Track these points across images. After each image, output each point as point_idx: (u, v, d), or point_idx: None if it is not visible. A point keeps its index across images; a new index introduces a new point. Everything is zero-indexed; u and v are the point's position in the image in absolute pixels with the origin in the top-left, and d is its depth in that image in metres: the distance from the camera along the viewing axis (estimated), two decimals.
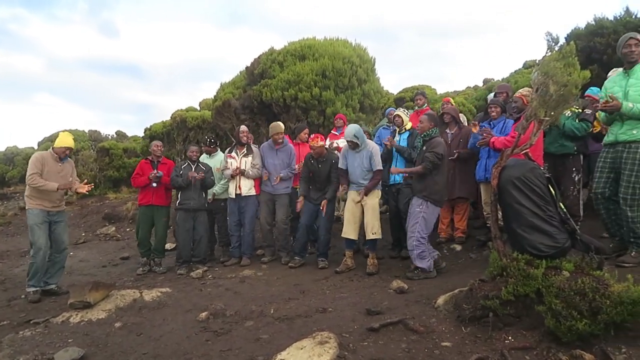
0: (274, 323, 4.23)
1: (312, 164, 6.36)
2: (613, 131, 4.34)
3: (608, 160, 4.38)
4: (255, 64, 10.48)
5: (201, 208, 6.92)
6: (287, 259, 6.65)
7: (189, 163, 6.97)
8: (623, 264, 4.16)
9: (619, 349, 2.99)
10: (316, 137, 6.32)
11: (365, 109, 9.91)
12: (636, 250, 4.24)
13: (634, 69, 4.24)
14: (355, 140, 5.73)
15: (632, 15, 7.70)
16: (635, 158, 4.16)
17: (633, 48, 4.22)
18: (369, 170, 5.82)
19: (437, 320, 3.75)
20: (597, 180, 4.47)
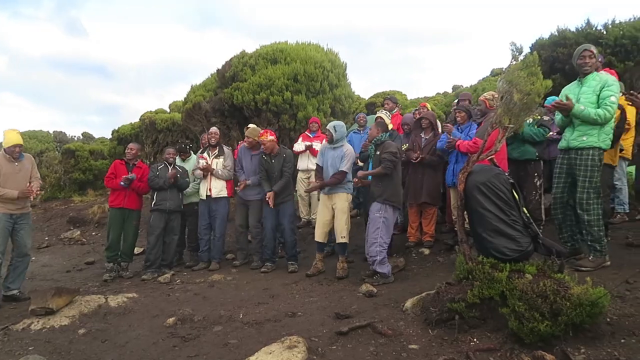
0: (243, 328, 4.21)
1: (265, 161, 6.37)
2: (565, 137, 4.50)
3: (564, 166, 4.53)
4: (227, 67, 10.40)
5: (177, 210, 6.84)
6: (257, 264, 6.61)
7: (165, 164, 6.87)
8: (581, 267, 4.30)
9: (578, 350, 3.09)
10: (265, 132, 6.35)
11: (337, 113, 9.96)
12: (594, 254, 4.39)
13: (587, 78, 4.42)
14: (331, 131, 5.81)
15: (593, 27, 7.99)
16: (587, 164, 4.31)
17: (587, 60, 4.41)
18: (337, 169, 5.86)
19: (405, 323, 3.80)
20: (556, 186, 4.61)
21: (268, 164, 6.37)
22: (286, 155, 6.34)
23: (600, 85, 4.30)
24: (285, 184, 6.28)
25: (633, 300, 3.59)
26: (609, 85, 4.27)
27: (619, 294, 3.67)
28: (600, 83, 4.31)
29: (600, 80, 4.34)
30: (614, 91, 4.26)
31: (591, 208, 4.32)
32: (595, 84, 4.34)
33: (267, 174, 6.39)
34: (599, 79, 4.37)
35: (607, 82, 4.30)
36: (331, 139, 5.84)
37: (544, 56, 7.96)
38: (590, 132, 4.29)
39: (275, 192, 6.21)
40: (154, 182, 6.66)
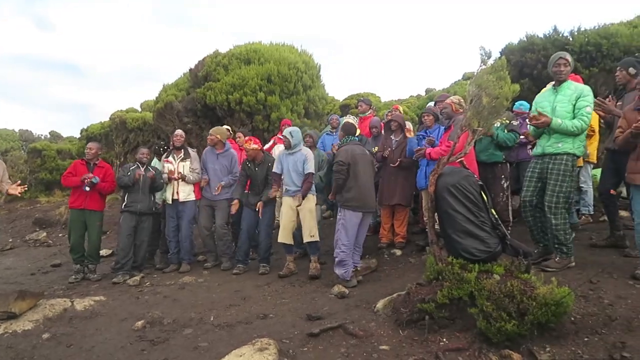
0: (214, 330, 4.16)
1: (249, 168, 6.33)
2: (541, 143, 4.58)
3: (536, 170, 4.60)
4: (200, 66, 10.29)
5: (148, 212, 6.68)
6: (227, 265, 6.55)
7: (138, 165, 6.71)
8: (547, 268, 4.39)
9: (543, 348, 3.17)
10: (249, 140, 6.28)
11: (310, 114, 9.97)
12: (560, 255, 4.49)
13: (562, 86, 4.50)
14: (288, 137, 5.81)
15: (560, 34, 8.23)
16: (560, 169, 4.39)
17: (562, 67, 4.49)
18: (302, 174, 5.85)
19: (376, 324, 3.82)
20: (526, 189, 4.69)
21: (252, 171, 6.31)
22: (271, 164, 6.25)
23: (576, 95, 4.38)
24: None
25: (596, 299, 3.69)
26: (585, 96, 4.37)
27: (583, 294, 3.76)
28: (576, 92, 4.40)
29: (576, 89, 4.44)
30: (589, 102, 4.37)
31: (559, 212, 4.41)
32: (571, 93, 4.42)
33: (250, 181, 6.34)
34: (574, 88, 4.46)
35: (582, 92, 4.39)
36: (289, 145, 5.85)
37: (513, 61, 8.14)
38: (566, 139, 4.38)
39: (263, 202, 6.16)
40: (121, 180, 6.52)
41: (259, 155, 6.32)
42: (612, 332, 3.24)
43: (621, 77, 4.85)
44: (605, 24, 8.39)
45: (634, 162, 4.04)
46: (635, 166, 4.02)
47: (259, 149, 6.35)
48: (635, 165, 4.02)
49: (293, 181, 5.86)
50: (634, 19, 9.56)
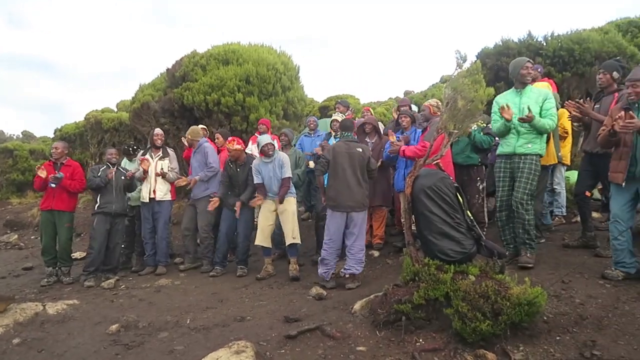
0: (190, 333, 4.12)
1: (231, 168, 6.28)
2: (511, 143, 4.68)
3: (507, 170, 4.74)
4: (177, 66, 10.16)
5: (122, 213, 6.59)
6: (207, 268, 6.48)
7: (108, 165, 6.59)
8: (527, 264, 4.50)
9: (517, 348, 3.22)
10: (232, 140, 6.24)
11: (289, 116, 9.94)
12: (530, 251, 4.62)
13: (526, 89, 4.71)
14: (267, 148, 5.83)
15: (534, 39, 8.40)
16: (531, 168, 4.58)
17: (530, 71, 4.72)
18: (279, 179, 5.88)
19: (354, 326, 3.83)
20: (502, 189, 4.80)
21: (233, 172, 6.26)
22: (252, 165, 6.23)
23: (542, 97, 4.62)
24: (253, 194, 6.17)
25: (568, 299, 3.77)
26: (550, 98, 4.62)
27: (555, 294, 3.84)
28: (541, 95, 4.63)
29: (540, 93, 4.68)
30: (554, 104, 4.64)
31: (530, 208, 4.60)
32: (536, 96, 4.64)
33: (231, 182, 6.29)
34: (538, 91, 4.70)
35: (547, 95, 4.65)
36: (268, 155, 5.85)
37: (489, 65, 8.28)
38: (535, 140, 4.60)
39: (242, 202, 6.10)
40: (92, 181, 6.38)
41: (241, 156, 6.27)
42: (583, 331, 3.32)
43: (604, 80, 4.90)
44: (577, 30, 8.62)
45: (616, 161, 4.14)
46: (617, 165, 4.12)
47: (242, 149, 6.31)
48: (617, 164, 4.12)
49: (274, 187, 5.90)
50: (604, 26, 9.84)
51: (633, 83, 4.01)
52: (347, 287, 5.06)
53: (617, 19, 10.43)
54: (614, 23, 10.15)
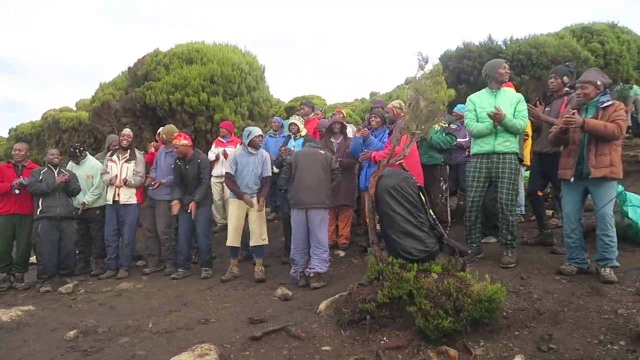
0: (152, 338, 4.04)
1: (179, 166, 6.11)
2: (489, 142, 4.74)
3: (483, 170, 4.78)
4: (139, 65, 9.93)
5: (68, 216, 6.32)
6: (170, 270, 6.36)
7: (49, 167, 6.29)
8: (509, 265, 4.61)
9: (478, 343, 3.30)
10: (179, 136, 6.07)
11: (255, 116, 9.87)
12: (511, 250, 4.74)
13: (500, 90, 4.82)
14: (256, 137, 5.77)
15: (494, 43, 8.63)
16: (511, 168, 4.67)
17: (508, 70, 4.86)
18: (259, 176, 5.81)
19: (319, 326, 3.84)
20: (474, 189, 4.84)
21: (182, 170, 6.11)
22: (201, 161, 6.11)
23: (516, 99, 4.76)
24: (205, 191, 6.08)
25: (526, 294, 3.89)
26: (522, 102, 4.78)
27: (514, 290, 3.95)
28: (515, 98, 4.78)
29: (514, 95, 4.84)
30: (525, 107, 4.77)
31: (514, 209, 4.74)
32: (510, 97, 4.78)
33: (182, 180, 6.16)
34: (511, 94, 4.86)
35: (520, 98, 4.80)
36: (256, 147, 5.80)
37: (452, 67, 8.47)
38: (511, 139, 4.71)
39: (196, 202, 6.00)
40: (36, 187, 6.02)
41: (189, 152, 6.09)
42: (540, 325, 3.43)
43: (555, 85, 5.14)
44: (535, 35, 8.91)
45: (565, 158, 4.31)
46: (566, 162, 4.29)
47: (189, 145, 6.13)
48: (566, 161, 4.29)
49: (250, 182, 5.79)
50: (560, 31, 10.20)
51: (582, 85, 4.21)
52: (312, 287, 5.06)
53: (572, 25, 10.83)
54: (569, 28, 10.54)
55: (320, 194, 5.23)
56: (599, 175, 4.05)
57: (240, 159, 5.80)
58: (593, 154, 4.09)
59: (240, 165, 5.77)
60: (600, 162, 4.06)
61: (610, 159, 4.07)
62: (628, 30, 10.87)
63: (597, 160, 4.07)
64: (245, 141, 5.81)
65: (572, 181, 4.22)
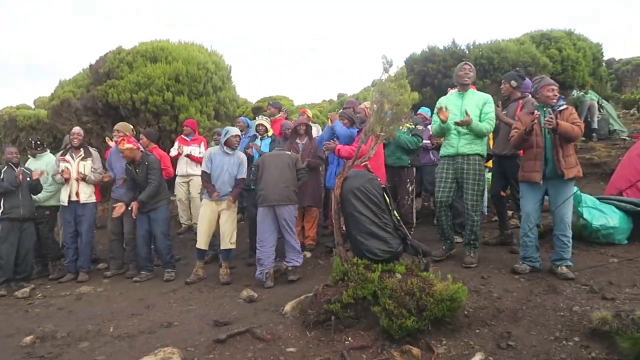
0: (113, 342, 3.94)
1: (130, 171, 5.99)
2: (453, 144, 4.85)
3: (450, 171, 4.89)
4: (101, 62, 9.70)
5: (31, 217, 6.14)
6: (132, 273, 6.22)
7: (9, 166, 6.08)
8: (471, 265, 4.72)
9: (440, 342, 3.36)
10: (122, 140, 5.92)
11: (221, 116, 9.79)
12: (473, 250, 4.86)
13: (467, 92, 4.92)
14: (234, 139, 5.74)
15: (458, 47, 8.84)
16: (475, 169, 4.77)
17: (468, 72, 4.91)
18: (235, 177, 5.77)
19: (284, 327, 3.83)
20: (442, 190, 4.94)
21: (133, 174, 5.98)
22: (149, 163, 5.97)
23: (482, 101, 4.82)
24: (152, 192, 5.94)
25: (487, 293, 3.99)
26: (489, 103, 4.84)
27: (475, 289, 4.05)
28: (481, 99, 4.84)
29: (481, 97, 4.88)
30: (493, 108, 4.85)
31: (478, 210, 4.85)
32: (477, 99, 4.85)
33: (134, 183, 6.02)
34: (479, 95, 4.92)
35: (487, 99, 4.86)
36: (233, 147, 5.75)
37: (417, 70, 8.62)
38: (476, 141, 4.79)
39: (141, 202, 5.87)
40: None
41: (136, 155, 5.96)
42: (500, 323, 3.52)
43: (505, 90, 5.40)
44: (496, 40, 9.18)
45: (532, 162, 4.39)
46: (533, 165, 4.37)
47: (135, 148, 5.96)
48: (533, 164, 4.37)
49: (224, 182, 5.72)
50: (521, 37, 10.55)
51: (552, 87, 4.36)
52: (289, 279, 5.21)
53: (532, 31, 11.20)
54: (529, 35, 10.91)
55: (286, 191, 5.33)
56: (571, 176, 4.21)
57: (215, 158, 5.75)
58: (562, 156, 4.23)
59: (215, 164, 5.72)
60: (569, 162, 4.23)
61: (574, 159, 4.27)
62: (584, 38, 11.34)
63: (566, 161, 4.22)
64: (222, 140, 5.78)
65: (542, 184, 4.35)
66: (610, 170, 7.27)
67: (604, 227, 5.00)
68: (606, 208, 5.16)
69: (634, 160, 6.06)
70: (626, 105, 15.30)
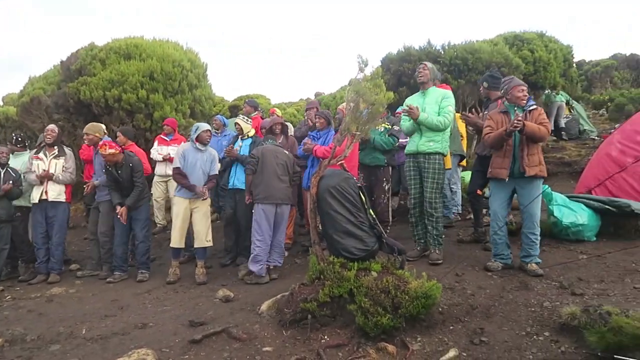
0: (86, 344, 3.87)
1: (110, 172, 5.87)
2: (415, 142, 4.97)
3: (415, 169, 5.01)
4: (73, 59, 9.47)
5: (8, 219, 6.00)
6: (106, 274, 6.10)
7: None
8: (437, 262, 4.78)
9: (415, 339, 3.41)
10: (103, 145, 5.76)
11: (196, 114, 9.67)
12: (438, 247, 4.92)
13: (428, 91, 5.03)
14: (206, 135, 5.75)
15: (433, 47, 8.95)
16: (435, 168, 4.86)
17: (421, 71, 5.03)
18: (207, 174, 5.75)
19: (261, 326, 3.82)
20: (413, 188, 5.05)
21: (114, 175, 5.86)
22: (133, 165, 5.87)
23: (441, 97, 4.94)
24: (139, 195, 5.87)
25: (460, 290, 4.05)
26: (447, 97, 4.95)
27: (450, 286, 4.11)
28: (440, 95, 4.96)
29: (440, 93, 5.00)
30: (451, 102, 4.94)
31: (438, 206, 4.92)
32: (437, 96, 4.96)
33: (116, 185, 5.90)
34: (439, 92, 5.02)
35: (445, 95, 4.99)
36: (204, 142, 5.74)
37: (393, 69, 8.69)
38: (435, 138, 4.87)
39: (128, 207, 5.80)
40: None
41: (119, 159, 5.84)
42: (473, 320, 3.59)
43: (482, 91, 5.60)
44: (471, 41, 9.32)
45: (500, 159, 4.50)
46: (501, 162, 4.48)
47: (117, 152, 5.82)
48: (501, 161, 4.49)
49: (201, 180, 5.69)
50: (494, 38, 10.72)
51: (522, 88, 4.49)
52: (272, 277, 5.30)
53: (505, 32, 11.41)
54: (502, 36, 11.11)
55: (288, 190, 5.45)
56: (532, 174, 4.31)
57: (188, 155, 5.70)
58: (526, 154, 4.34)
59: (188, 161, 5.67)
60: (532, 161, 4.33)
61: (538, 158, 4.37)
62: (555, 40, 11.59)
63: (529, 159, 4.33)
64: (192, 137, 5.73)
65: (507, 180, 4.44)
66: (580, 169, 7.47)
67: (574, 224, 5.14)
68: (576, 206, 5.30)
69: (603, 160, 6.23)
70: (595, 105, 15.73)
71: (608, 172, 6.01)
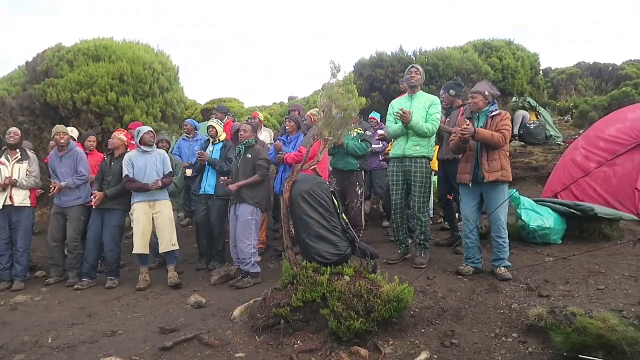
0: (52, 354, 3.77)
1: (105, 164, 5.87)
2: (401, 145, 4.99)
3: (400, 173, 5.02)
4: (39, 60, 9.23)
5: None
6: (74, 281, 5.93)
7: None
8: (421, 266, 4.83)
9: (387, 342, 3.43)
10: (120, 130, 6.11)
11: (168, 118, 9.56)
12: (424, 252, 4.99)
13: (416, 95, 5.05)
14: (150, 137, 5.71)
15: (405, 54, 9.07)
16: (422, 172, 4.90)
17: (414, 75, 5.02)
18: (161, 173, 5.68)
19: (233, 332, 3.78)
20: (396, 192, 5.07)
21: (106, 167, 5.85)
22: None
23: (429, 103, 4.95)
24: (121, 191, 5.74)
25: (432, 293, 4.11)
26: (435, 105, 4.97)
27: (422, 289, 4.16)
28: (428, 101, 4.97)
29: (429, 99, 5.02)
30: (439, 110, 4.99)
31: (426, 211, 4.98)
32: (425, 101, 4.98)
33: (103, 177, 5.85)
34: (427, 97, 5.05)
35: (434, 101, 4.99)
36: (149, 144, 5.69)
37: (366, 75, 8.77)
38: (422, 143, 4.91)
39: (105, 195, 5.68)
40: None
41: (121, 149, 5.92)
42: (444, 323, 3.64)
43: (445, 99, 5.66)
44: (442, 48, 9.48)
45: (464, 164, 4.63)
46: (464, 167, 4.60)
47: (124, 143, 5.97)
48: (464, 166, 4.61)
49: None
50: (464, 45, 10.95)
51: (472, 95, 4.60)
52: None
53: (475, 40, 11.67)
54: (472, 43, 11.35)
55: None
56: (492, 179, 4.38)
57: (136, 160, 5.62)
58: (486, 160, 4.43)
59: (138, 167, 5.59)
60: (493, 167, 4.41)
61: (500, 163, 4.43)
62: (523, 48, 11.92)
63: (489, 165, 4.41)
64: (136, 141, 5.70)
65: (471, 186, 4.53)
66: (547, 173, 7.67)
67: (541, 228, 5.28)
68: (543, 210, 5.44)
69: (568, 165, 6.44)
70: (561, 112, 16.19)
71: (573, 177, 6.21)
